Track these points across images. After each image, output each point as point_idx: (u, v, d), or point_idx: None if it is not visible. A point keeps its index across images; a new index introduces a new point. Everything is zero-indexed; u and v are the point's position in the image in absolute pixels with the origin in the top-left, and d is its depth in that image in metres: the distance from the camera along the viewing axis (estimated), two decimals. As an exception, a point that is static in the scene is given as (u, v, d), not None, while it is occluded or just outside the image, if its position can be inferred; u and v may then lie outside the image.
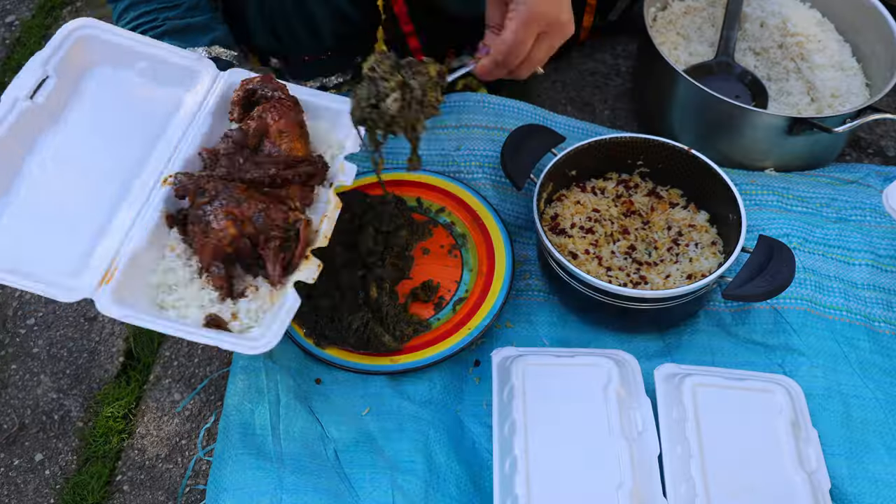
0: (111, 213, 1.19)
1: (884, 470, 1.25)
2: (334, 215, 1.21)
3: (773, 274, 1.25)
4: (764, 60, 1.73)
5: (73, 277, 1.12)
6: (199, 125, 1.28)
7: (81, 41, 1.28)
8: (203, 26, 1.36)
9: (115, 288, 1.11)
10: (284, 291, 1.15)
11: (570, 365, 1.28)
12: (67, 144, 1.23)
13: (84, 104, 1.27)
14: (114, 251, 1.15)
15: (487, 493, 1.23)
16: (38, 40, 2.06)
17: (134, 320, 1.10)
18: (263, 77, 1.29)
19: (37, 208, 1.18)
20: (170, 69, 1.31)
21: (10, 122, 1.19)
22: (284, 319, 1.11)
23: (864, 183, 1.62)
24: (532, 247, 1.52)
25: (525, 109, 1.69)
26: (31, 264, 1.12)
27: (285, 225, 1.18)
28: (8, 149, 1.18)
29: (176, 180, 1.21)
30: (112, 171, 1.23)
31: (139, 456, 1.40)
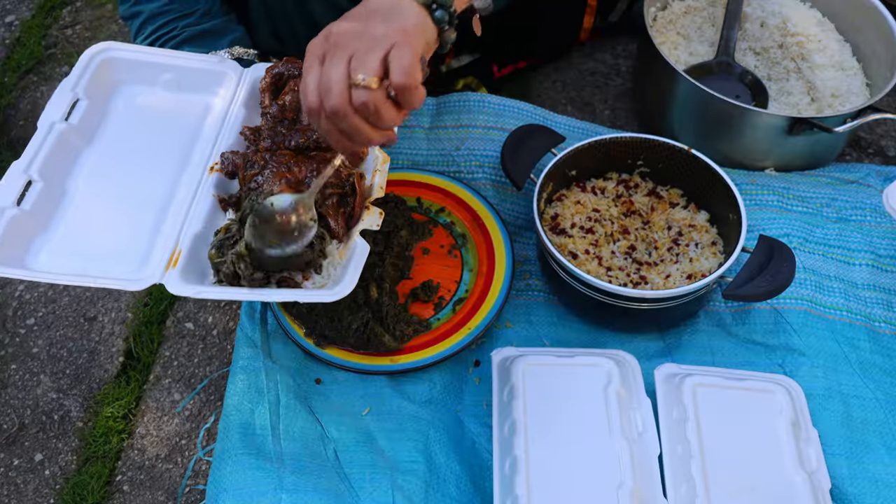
0: (163, 210, 1.22)
1: (884, 470, 1.25)
2: (385, 168, 1.22)
3: (774, 274, 1.25)
4: (764, 60, 1.73)
5: (138, 271, 1.15)
6: (234, 119, 1.30)
7: (105, 63, 1.31)
8: (220, 30, 1.38)
9: (182, 269, 1.13)
10: (352, 242, 1.17)
11: (570, 365, 1.28)
12: (107, 160, 1.26)
13: (117, 121, 1.30)
14: (174, 238, 1.17)
15: (487, 493, 1.23)
16: (38, 40, 2.06)
17: (207, 294, 1.11)
18: (287, 59, 1.31)
19: (89, 220, 1.20)
20: (194, 76, 1.33)
21: (49, 145, 1.22)
22: (357, 265, 1.12)
23: (864, 183, 1.62)
24: (532, 247, 1.52)
25: (525, 109, 1.69)
26: (97, 268, 1.14)
27: (339, 181, 1.18)
28: (53, 170, 1.22)
29: (223, 160, 1.23)
30: (156, 175, 1.25)
31: (139, 456, 1.40)
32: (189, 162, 1.27)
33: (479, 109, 1.67)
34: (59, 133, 1.24)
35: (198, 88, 1.34)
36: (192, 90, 1.34)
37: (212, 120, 1.32)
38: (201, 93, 1.34)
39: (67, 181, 1.23)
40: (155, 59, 1.33)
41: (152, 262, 1.16)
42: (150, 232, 1.20)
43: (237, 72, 1.34)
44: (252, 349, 1.35)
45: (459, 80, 1.85)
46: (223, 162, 1.23)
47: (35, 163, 1.21)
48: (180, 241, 1.17)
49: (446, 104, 1.70)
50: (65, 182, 1.23)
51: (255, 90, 1.33)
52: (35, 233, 1.18)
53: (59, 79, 1.97)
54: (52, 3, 2.15)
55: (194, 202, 1.21)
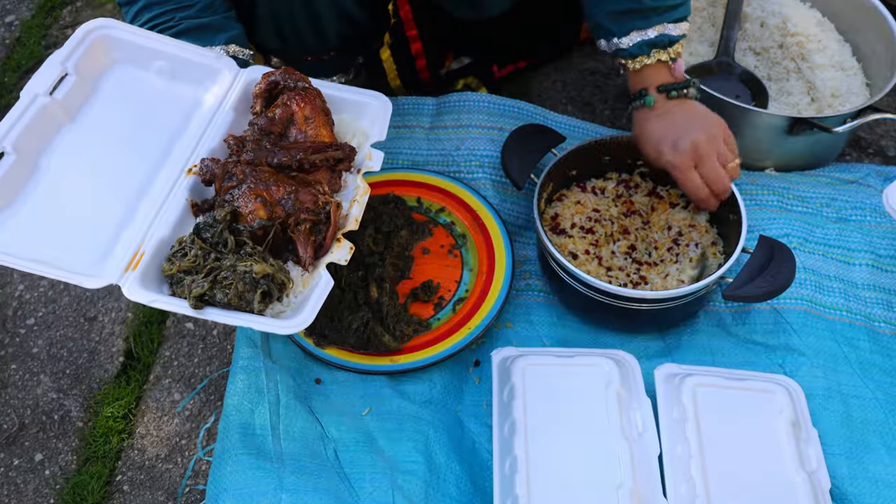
0: (134, 204, 1.19)
1: (884, 470, 1.25)
2: (363, 200, 1.21)
3: (774, 274, 1.25)
4: (764, 60, 1.73)
5: (97, 266, 1.12)
6: (222, 119, 1.28)
7: (100, 40, 1.28)
8: (218, 26, 1.37)
9: (142, 274, 1.11)
10: (317, 273, 1.15)
11: (570, 365, 1.28)
12: (87, 140, 1.23)
13: (103, 102, 1.27)
14: (139, 239, 1.15)
15: (487, 493, 1.23)
16: (38, 40, 2.06)
17: (161, 304, 1.10)
18: (285, 69, 1.30)
19: (57, 201, 1.17)
20: (189, 67, 1.31)
21: (29, 117, 1.19)
22: (318, 299, 1.10)
23: (864, 183, 1.62)
24: (532, 247, 1.52)
25: (525, 109, 1.69)
26: (54, 254, 1.11)
27: (315, 207, 1.17)
28: (28, 143, 1.18)
29: (202, 166, 1.20)
30: (134, 165, 1.23)
31: (139, 456, 1.40)
32: (168, 157, 1.24)
33: (479, 109, 1.67)
34: (40, 106, 1.20)
35: (190, 80, 1.31)
36: (185, 81, 1.31)
37: (199, 117, 1.29)
38: (193, 85, 1.31)
39: (41, 157, 1.19)
40: (151, 43, 1.29)
41: (113, 260, 1.13)
42: (117, 225, 1.16)
43: (232, 71, 1.31)
44: (252, 349, 1.35)
45: (460, 80, 1.85)
46: (202, 168, 1.20)
47: (10, 134, 1.17)
48: (144, 243, 1.14)
49: (446, 104, 1.70)
50: (38, 158, 1.19)
51: (248, 93, 1.31)
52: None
53: (59, 79, 1.97)
54: (52, 3, 2.15)
55: (166, 203, 1.19)
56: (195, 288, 1.08)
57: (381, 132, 1.28)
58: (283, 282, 1.12)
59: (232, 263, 1.11)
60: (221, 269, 1.10)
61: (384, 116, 1.29)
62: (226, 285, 1.09)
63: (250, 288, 1.10)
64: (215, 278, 1.10)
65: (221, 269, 1.10)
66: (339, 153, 1.24)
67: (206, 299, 1.09)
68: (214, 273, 1.10)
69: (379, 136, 1.28)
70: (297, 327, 1.07)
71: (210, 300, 1.09)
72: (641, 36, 1.33)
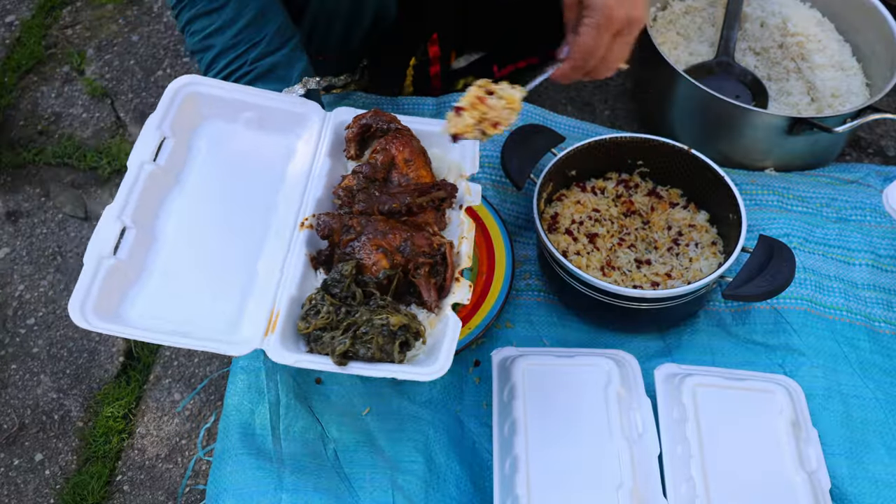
0: (252, 263, 1.20)
1: (884, 470, 1.25)
2: (471, 236, 1.22)
3: (774, 274, 1.25)
4: (764, 60, 1.73)
5: (233, 331, 1.13)
6: (320, 167, 1.28)
7: (189, 98, 1.29)
8: (288, 61, 1.38)
9: (280, 335, 1.12)
10: (444, 315, 1.16)
11: (570, 365, 1.28)
12: (193, 202, 1.24)
13: (201, 161, 1.28)
14: (270, 299, 1.15)
15: (487, 493, 1.23)
16: (38, 40, 2.06)
17: (305, 364, 1.10)
18: (375, 111, 1.30)
19: (179, 268, 1.19)
20: (276, 115, 1.32)
21: (140, 187, 1.20)
22: (451, 341, 1.11)
23: (864, 183, 1.62)
24: (532, 247, 1.52)
25: (525, 109, 1.68)
26: (189, 323, 1.13)
27: (431, 250, 1.18)
28: (144, 215, 1.20)
29: (319, 222, 1.21)
30: (243, 222, 1.24)
31: (139, 456, 1.40)
32: (275, 212, 1.25)
33: (479, 110, 1.67)
34: (148, 174, 1.21)
35: (279, 129, 1.32)
36: (274, 130, 1.32)
37: (295, 166, 1.29)
38: (283, 134, 1.32)
39: (156, 226, 1.21)
40: (237, 95, 1.31)
41: (247, 323, 1.14)
42: (242, 287, 1.18)
43: (319, 115, 1.32)
44: (252, 349, 1.35)
45: (460, 80, 1.85)
46: (319, 225, 1.20)
47: (128, 207, 1.18)
48: (276, 304, 1.14)
49: (446, 104, 1.69)
50: (154, 227, 1.21)
51: (340, 137, 1.31)
52: (130, 283, 1.15)
53: (60, 79, 1.98)
54: (52, 3, 2.15)
55: (286, 261, 1.19)
56: (338, 346, 1.09)
57: (473, 165, 1.29)
58: (418, 330, 1.14)
59: (368, 318, 1.12)
60: (359, 325, 1.11)
61: (473, 148, 1.30)
62: (366, 340, 1.10)
63: (389, 340, 1.11)
64: (355, 333, 1.11)
65: (359, 324, 1.11)
66: (442, 193, 1.25)
67: (350, 355, 1.10)
68: (353, 329, 1.11)
69: (472, 168, 1.29)
70: (438, 373, 1.07)
71: (353, 356, 1.10)
72: None
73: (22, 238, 1.69)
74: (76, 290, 1.10)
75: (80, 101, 1.93)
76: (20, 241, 1.68)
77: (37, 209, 1.74)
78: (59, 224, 1.71)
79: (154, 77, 1.97)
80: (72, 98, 1.94)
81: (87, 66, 2.00)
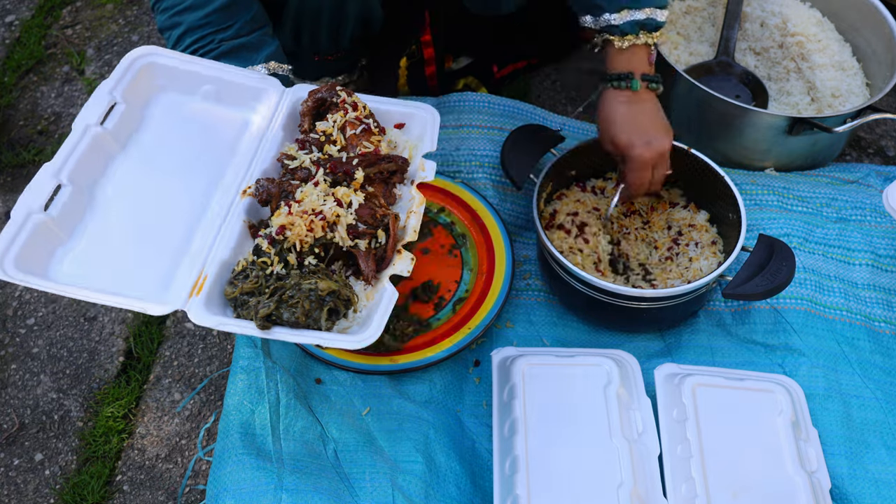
0: (191, 228, 1.20)
1: (884, 470, 1.25)
2: (420, 210, 1.21)
3: (773, 273, 1.25)
4: (764, 60, 1.73)
5: (161, 292, 1.13)
6: (272, 139, 1.28)
7: (146, 68, 1.29)
8: (256, 44, 1.38)
9: (206, 298, 1.11)
10: (381, 286, 1.15)
11: (570, 365, 1.28)
12: (139, 168, 1.24)
13: (152, 129, 1.28)
14: (200, 263, 1.15)
15: (487, 493, 1.23)
16: (38, 40, 2.06)
17: (228, 327, 1.09)
18: (331, 84, 1.30)
19: (115, 230, 1.18)
20: (235, 90, 1.31)
21: (82, 148, 1.20)
22: (384, 312, 1.10)
23: (864, 183, 1.62)
24: (532, 247, 1.52)
25: (525, 109, 1.69)
26: (117, 283, 1.12)
27: (373, 221, 1.17)
28: (83, 175, 1.19)
29: (258, 186, 1.20)
30: (187, 189, 1.24)
31: (139, 456, 1.40)
32: (221, 180, 1.25)
33: (479, 109, 1.67)
34: (93, 136, 1.21)
35: (237, 103, 1.32)
36: (231, 104, 1.32)
37: (248, 138, 1.29)
38: (240, 108, 1.32)
39: (96, 188, 1.21)
40: (196, 68, 1.31)
41: (176, 285, 1.13)
42: (176, 250, 1.17)
43: (278, 90, 1.31)
44: (252, 349, 1.35)
45: (460, 80, 1.85)
46: (258, 189, 1.20)
47: (66, 166, 1.18)
48: (206, 267, 1.14)
49: (446, 104, 1.69)
50: (94, 188, 1.20)
51: (295, 112, 1.31)
52: (60, 241, 1.15)
53: (60, 79, 1.98)
54: (52, 3, 2.15)
55: (224, 226, 1.19)
56: (261, 308, 1.08)
57: (431, 142, 1.28)
58: (348, 297, 1.12)
59: (296, 282, 1.11)
60: (286, 289, 1.10)
61: (433, 126, 1.29)
62: (292, 304, 1.09)
63: (316, 305, 1.09)
64: (280, 298, 1.09)
65: (286, 288, 1.10)
66: (392, 165, 1.24)
67: (273, 319, 1.09)
68: (279, 293, 1.10)
69: (430, 146, 1.28)
70: (365, 342, 1.06)
71: (277, 320, 1.09)
72: (632, 15, 1.36)
73: (22, 238, 1.69)
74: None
75: (80, 101, 1.93)
76: (20, 241, 1.68)
77: (37, 209, 1.73)
78: (59, 224, 1.71)
79: (154, 77, 1.97)
80: (72, 98, 1.94)
81: (87, 66, 2.01)
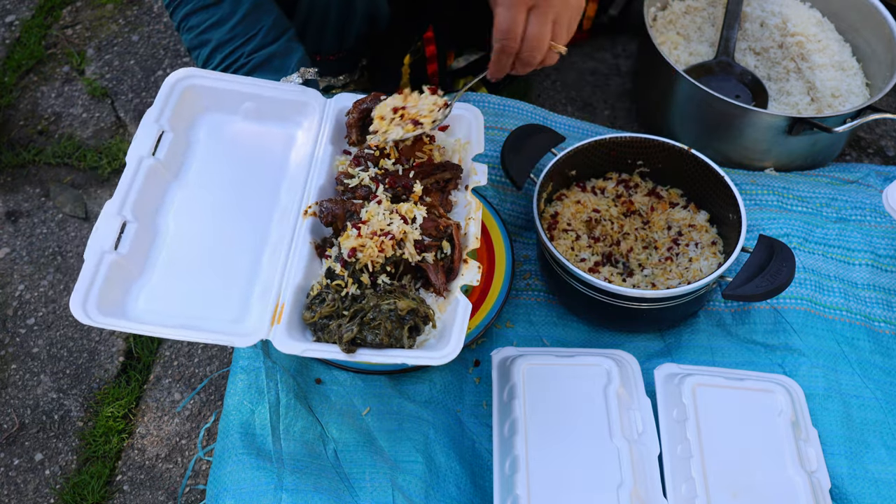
0: (257, 253, 1.19)
1: (884, 470, 1.25)
2: (478, 216, 1.20)
3: (774, 274, 1.25)
4: (764, 60, 1.73)
5: (239, 322, 1.13)
6: (322, 155, 1.27)
7: (187, 91, 1.29)
8: (285, 51, 1.38)
9: (286, 325, 1.10)
10: (453, 297, 1.14)
11: (570, 365, 1.28)
12: (195, 195, 1.24)
13: (200, 153, 1.28)
14: (275, 289, 1.14)
15: (487, 493, 1.23)
16: (38, 40, 2.06)
17: (313, 353, 1.09)
18: (374, 95, 1.29)
19: (182, 261, 1.18)
20: (275, 105, 1.31)
21: (140, 181, 1.20)
22: (462, 324, 1.09)
23: (864, 183, 1.62)
24: (532, 247, 1.52)
25: (525, 109, 1.69)
26: (195, 316, 1.12)
27: (437, 233, 1.17)
28: (144, 208, 1.19)
29: (321, 208, 1.20)
30: (245, 212, 1.23)
31: (139, 456, 1.40)
32: (278, 201, 1.24)
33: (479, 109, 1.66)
34: (147, 169, 1.21)
35: (279, 118, 1.31)
36: (274, 120, 1.31)
37: (297, 155, 1.29)
38: (283, 123, 1.31)
39: (158, 219, 1.20)
40: (234, 86, 1.30)
41: (253, 314, 1.13)
42: (247, 277, 1.17)
43: (319, 102, 1.31)
44: (252, 349, 1.35)
45: (460, 80, 1.85)
46: (322, 210, 1.19)
47: (128, 201, 1.17)
48: (282, 294, 1.13)
49: (446, 104, 1.69)
50: (156, 220, 1.20)
51: (341, 124, 1.30)
52: (133, 277, 1.15)
53: (60, 79, 1.98)
54: (52, 3, 2.15)
55: (291, 250, 1.18)
56: (346, 333, 1.08)
57: (479, 144, 1.27)
58: (426, 314, 1.12)
59: (375, 303, 1.10)
60: (366, 311, 1.10)
61: (479, 127, 1.29)
62: (374, 326, 1.09)
63: (398, 325, 1.09)
64: (362, 320, 1.09)
65: (366, 310, 1.10)
66: (447, 174, 1.23)
67: (358, 342, 1.09)
68: (360, 315, 1.10)
69: (478, 148, 1.27)
70: (448, 357, 1.05)
71: (361, 342, 1.09)
72: None
73: (22, 238, 1.69)
74: (77, 286, 1.09)
75: (80, 101, 1.93)
76: (20, 241, 1.68)
77: (37, 209, 1.74)
78: (59, 224, 1.71)
79: (154, 77, 1.97)
80: (72, 98, 1.94)
81: (87, 66, 2.01)
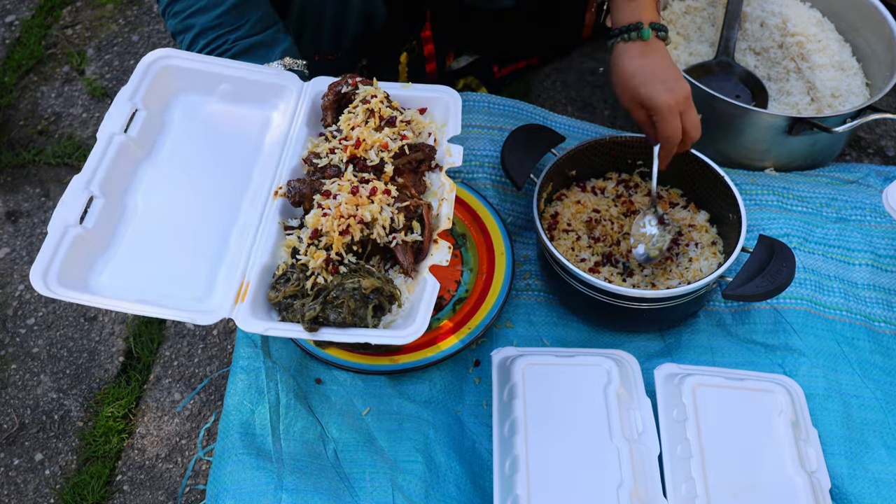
0: (225, 232, 1.19)
1: (884, 469, 1.25)
2: (451, 197, 1.20)
3: (774, 274, 1.25)
4: (764, 60, 1.73)
5: (203, 300, 1.12)
6: (296, 137, 1.26)
7: (163, 71, 1.28)
8: (271, 41, 1.38)
9: (251, 304, 1.10)
10: (421, 278, 1.14)
11: (570, 365, 1.28)
12: (166, 174, 1.23)
13: (174, 132, 1.27)
14: (241, 269, 1.14)
15: (487, 493, 1.23)
16: (38, 40, 2.06)
17: (276, 332, 1.08)
18: (350, 76, 1.28)
19: (149, 238, 1.17)
20: (253, 87, 1.30)
21: (109, 158, 1.19)
22: (428, 304, 1.09)
23: (864, 183, 1.62)
24: (532, 247, 1.52)
25: (525, 109, 1.69)
26: (159, 293, 1.12)
27: (409, 213, 1.16)
28: (113, 185, 1.18)
29: (290, 188, 1.19)
30: (217, 192, 1.22)
31: (139, 456, 1.40)
32: (250, 182, 1.23)
33: (479, 109, 1.67)
34: (118, 145, 1.20)
35: (256, 100, 1.31)
36: (250, 102, 1.31)
37: (271, 136, 1.28)
38: (259, 105, 1.31)
39: (126, 196, 1.20)
40: (212, 68, 1.29)
41: (218, 292, 1.12)
42: (213, 256, 1.16)
43: (296, 85, 1.30)
44: (252, 349, 1.35)
45: (460, 80, 1.85)
46: (290, 190, 1.19)
47: (96, 177, 1.17)
48: (248, 273, 1.13)
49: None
50: (124, 197, 1.19)
51: (316, 106, 1.30)
52: (97, 252, 1.14)
53: (60, 79, 1.98)
54: (52, 3, 2.15)
55: (260, 229, 1.17)
56: (308, 311, 1.07)
57: (455, 126, 1.26)
58: (391, 293, 1.11)
59: (339, 282, 1.10)
60: (330, 290, 1.09)
61: (456, 110, 1.28)
62: (337, 305, 1.08)
63: (361, 304, 1.09)
64: (325, 299, 1.09)
65: (330, 289, 1.10)
66: (419, 154, 1.22)
67: (320, 321, 1.08)
68: (324, 294, 1.09)
69: (454, 130, 1.26)
70: (412, 336, 1.05)
71: (324, 321, 1.08)
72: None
73: (22, 238, 1.69)
74: (39, 256, 1.08)
75: (80, 101, 1.93)
76: (20, 241, 1.68)
77: (37, 209, 1.74)
78: (59, 224, 1.71)
79: (154, 77, 1.97)
80: (72, 98, 1.94)
81: (87, 66, 2.01)
